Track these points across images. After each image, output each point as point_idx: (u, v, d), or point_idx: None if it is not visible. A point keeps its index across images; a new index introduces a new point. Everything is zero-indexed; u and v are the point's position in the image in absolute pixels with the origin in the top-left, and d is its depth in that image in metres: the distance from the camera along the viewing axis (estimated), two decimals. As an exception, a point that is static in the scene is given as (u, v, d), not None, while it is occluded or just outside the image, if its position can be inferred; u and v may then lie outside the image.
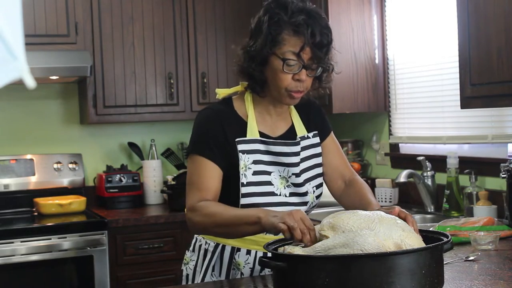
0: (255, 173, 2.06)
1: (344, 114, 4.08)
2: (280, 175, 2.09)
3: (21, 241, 3.42)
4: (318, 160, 2.21)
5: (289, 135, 2.16)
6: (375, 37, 3.89)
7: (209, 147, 2.05)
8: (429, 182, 3.45)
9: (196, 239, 2.21)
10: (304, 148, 2.17)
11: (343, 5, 3.81)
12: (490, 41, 2.55)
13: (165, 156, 4.30)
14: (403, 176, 3.35)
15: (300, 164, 2.13)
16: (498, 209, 2.96)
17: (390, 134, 3.95)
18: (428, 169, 3.45)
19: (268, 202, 2.06)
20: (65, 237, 3.50)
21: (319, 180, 2.20)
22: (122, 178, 4.06)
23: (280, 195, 2.08)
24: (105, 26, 3.96)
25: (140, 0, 4.03)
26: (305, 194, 2.12)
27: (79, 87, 4.19)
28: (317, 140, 2.22)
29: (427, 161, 3.46)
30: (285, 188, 2.10)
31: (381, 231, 1.61)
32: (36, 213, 3.93)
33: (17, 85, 1.24)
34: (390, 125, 3.95)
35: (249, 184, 2.05)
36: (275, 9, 2.04)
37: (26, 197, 4.00)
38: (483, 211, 2.96)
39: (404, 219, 1.78)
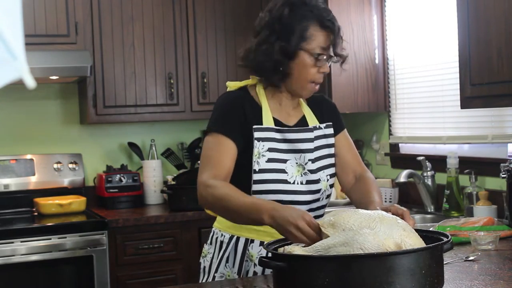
0: (270, 160, 2.11)
1: (344, 114, 4.06)
2: (296, 163, 2.13)
3: (21, 241, 3.42)
4: (331, 150, 2.25)
5: (302, 125, 2.22)
6: (375, 37, 3.89)
7: (230, 126, 2.11)
8: (429, 182, 3.45)
9: (214, 232, 2.24)
10: (317, 138, 2.22)
11: (343, 5, 3.81)
12: (490, 41, 2.55)
13: (165, 156, 4.30)
14: (403, 176, 3.35)
15: (314, 152, 2.18)
16: (498, 209, 2.97)
17: (390, 134, 3.95)
18: (428, 169, 3.45)
19: (280, 189, 2.10)
20: (65, 237, 3.49)
21: (332, 170, 2.24)
22: (122, 178, 4.06)
23: (293, 183, 2.11)
24: (105, 26, 3.96)
25: (140, 0, 4.03)
26: (317, 181, 2.16)
27: (79, 87, 4.19)
28: (330, 131, 2.27)
29: (427, 161, 3.46)
30: (301, 175, 2.13)
31: (382, 230, 1.61)
32: (36, 213, 3.93)
33: (17, 85, 1.24)
34: (390, 125, 3.95)
35: (262, 171, 2.09)
36: (299, 3, 2.10)
37: (26, 197, 4.00)
38: (483, 211, 2.96)
39: (402, 216, 1.80)
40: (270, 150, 2.11)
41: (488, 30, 2.56)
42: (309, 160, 2.16)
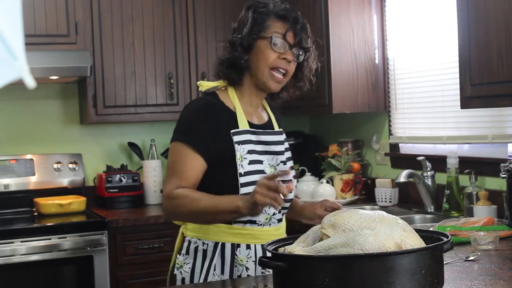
0: (251, 162, 2.14)
1: (344, 114, 4.08)
2: (269, 164, 2.19)
3: (21, 241, 3.42)
4: (290, 154, 2.35)
5: (269, 127, 2.28)
6: (375, 37, 3.89)
7: (198, 138, 2.10)
8: (429, 182, 3.45)
9: (189, 242, 2.19)
10: (284, 141, 2.32)
11: (343, 5, 3.81)
12: (490, 41, 2.55)
13: (165, 156, 4.29)
14: (403, 176, 3.35)
15: (285, 153, 2.27)
16: (498, 209, 2.96)
17: (390, 134, 3.95)
18: (428, 169, 3.45)
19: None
20: (65, 237, 3.49)
21: (293, 172, 2.32)
22: (122, 178, 4.06)
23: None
24: (105, 26, 3.96)
25: (140, 0, 4.03)
26: (290, 181, 2.22)
27: (79, 87, 4.19)
28: (284, 136, 2.35)
29: (427, 161, 3.46)
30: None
31: (382, 230, 1.61)
32: (36, 213, 3.93)
33: (17, 85, 1.24)
34: (390, 125, 3.95)
35: (247, 173, 2.11)
36: (258, 4, 2.21)
37: (26, 197, 4.00)
38: (483, 211, 2.96)
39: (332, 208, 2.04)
40: (250, 152, 2.14)
41: (488, 30, 2.56)
42: (281, 161, 2.23)
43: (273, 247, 1.74)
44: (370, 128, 4.12)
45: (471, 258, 2.22)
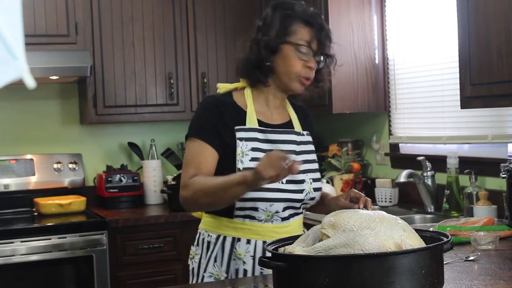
0: (253, 159, 2.14)
1: (344, 114, 4.08)
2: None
3: (21, 241, 3.42)
4: (313, 156, 2.33)
5: (287, 127, 2.28)
6: (375, 37, 3.89)
7: (207, 132, 2.16)
8: (429, 182, 3.45)
9: (200, 233, 2.27)
10: (302, 143, 2.29)
11: (343, 5, 3.81)
12: (490, 41, 2.55)
13: (165, 156, 4.30)
14: (403, 176, 3.35)
15: (300, 155, 2.25)
16: (498, 209, 2.96)
17: (390, 134, 3.95)
18: (428, 169, 3.45)
19: (264, 187, 2.09)
20: (65, 237, 3.49)
21: (317, 174, 2.30)
22: (122, 178, 4.06)
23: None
24: (105, 26, 3.96)
25: (140, 0, 4.03)
26: (301, 181, 2.21)
27: (79, 87, 4.19)
28: (310, 138, 2.35)
29: (427, 161, 3.46)
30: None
31: (382, 230, 1.61)
32: (36, 213, 3.93)
33: (17, 85, 1.24)
34: (390, 125, 3.95)
35: (246, 169, 2.11)
36: (284, 5, 2.22)
37: (26, 197, 4.00)
38: (483, 211, 2.96)
39: (358, 199, 2.06)
40: (253, 149, 2.17)
41: (488, 30, 2.56)
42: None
43: (273, 247, 1.74)
44: (370, 128, 4.12)
45: (471, 258, 2.22)
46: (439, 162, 3.41)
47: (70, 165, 4.13)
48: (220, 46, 4.19)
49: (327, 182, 3.96)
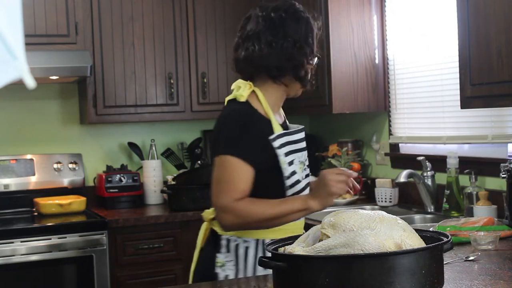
0: (290, 163, 2.21)
1: (344, 114, 4.08)
2: (299, 161, 2.25)
3: (21, 241, 3.42)
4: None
5: (286, 125, 2.35)
6: (375, 37, 3.89)
7: (245, 150, 2.13)
8: (429, 182, 3.45)
9: (228, 240, 2.22)
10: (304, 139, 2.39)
11: (343, 5, 3.81)
12: (490, 41, 2.55)
13: (165, 156, 4.30)
14: (403, 176, 3.35)
15: (306, 150, 2.35)
16: (498, 209, 2.96)
17: (390, 134, 3.95)
18: (428, 169, 3.45)
19: (299, 190, 2.22)
20: (65, 237, 3.49)
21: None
22: (122, 178, 4.06)
23: (301, 180, 2.24)
24: (105, 26, 3.96)
25: (140, 0, 4.03)
26: (309, 175, 2.33)
27: (79, 87, 4.19)
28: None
29: (427, 161, 3.45)
30: (302, 171, 2.26)
31: (382, 230, 1.61)
32: (36, 213, 3.93)
33: (17, 85, 1.24)
34: (390, 125, 3.95)
35: (292, 174, 2.20)
36: (314, 18, 2.30)
37: (26, 197, 4.00)
38: (483, 211, 2.96)
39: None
40: (286, 154, 2.21)
41: (488, 30, 2.56)
42: (307, 157, 2.32)
43: (273, 247, 1.74)
44: (370, 128, 4.12)
45: (471, 258, 2.22)
46: (439, 162, 3.41)
47: (70, 165, 4.13)
48: (220, 46, 4.19)
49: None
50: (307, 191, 2.26)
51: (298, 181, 2.21)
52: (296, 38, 2.21)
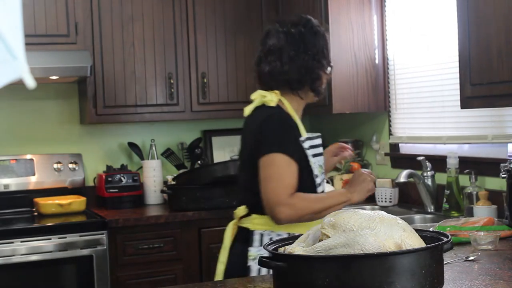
0: (319, 165, 2.43)
1: (344, 114, 4.08)
2: (319, 165, 2.44)
3: (21, 241, 3.42)
4: None
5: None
6: (375, 37, 3.89)
7: (291, 147, 2.33)
8: (429, 182, 3.45)
9: (262, 234, 2.36)
10: None
11: (343, 5, 3.81)
12: (490, 41, 2.55)
13: (165, 156, 4.30)
14: (403, 176, 3.35)
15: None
16: (498, 209, 2.96)
17: (390, 134, 3.95)
18: (428, 169, 3.45)
19: (321, 191, 2.44)
20: (65, 237, 3.49)
21: None
22: (122, 178, 4.06)
23: (321, 183, 2.46)
24: (105, 26, 3.96)
25: (140, 0, 4.03)
26: (324, 178, 2.55)
27: (79, 87, 4.19)
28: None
29: (427, 161, 3.46)
30: (321, 174, 2.46)
31: (382, 230, 1.61)
32: (36, 213, 3.93)
33: (17, 85, 1.24)
34: (390, 125, 3.95)
35: (317, 175, 2.42)
36: (326, 33, 2.53)
37: (26, 197, 4.00)
38: (483, 211, 2.96)
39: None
40: (314, 156, 2.42)
41: (488, 30, 2.56)
42: (324, 161, 2.51)
43: (273, 247, 1.74)
44: (370, 128, 4.12)
45: (471, 258, 2.22)
46: (439, 162, 3.41)
47: (70, 165, 4.13)
48: (220, 46, 4.19)
49: (327, 182, 3.96)
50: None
51: (319, 184, 2.42)
52: (314, 51, 2.41)
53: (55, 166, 4.10)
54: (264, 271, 2.26)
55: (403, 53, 3.80)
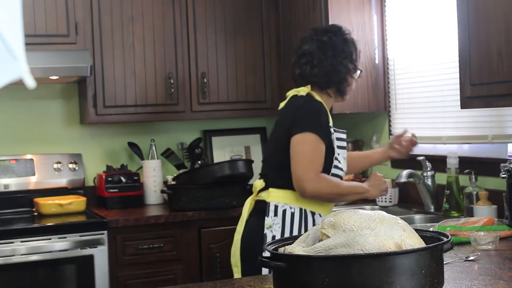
0: (338, 154, 2.66)
1: (344, 114, 4.08)
2: (343, 157, 2.71)
3: (21, 241, 3.42)
4: None
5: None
6: (375, 37, 3.89)
7: (323, 129, 2.59)
8: (429, 182, 3.45)
9: (276, 206, 2.63)
10: None
11: (343, 5, 3.81)
12: (490, 41, 2.55)
13: (165, 156, 4.29)
14: (403, 176, 3.35)
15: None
16: (498, 209, 2.96)
17: (390, 134, 3.95)
18: (428, 169, 3.45)
19: (340, 175, 2.71)
20: (65, 237, 3.49)
21: None
22: (122, 178, 4.06)
23: (343, 174, 2.73)
24: (105, 26, 3.96)
25: (140, 0, 4.03)
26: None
27: (79, 87, 4.19)
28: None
29: (427, 161, 3.46)
30: (344, 167, 2.71)
31: (382, 230, 1.61)
32: (36, 213, 3.93)
33: (17, 85, 1.24)
34: (390, 125, 3.95)
35: (342, 168, 2.69)
36: (347, 31, 2.84)
37: (26, 197, 4.00)
38: (483, 211, 2.96)
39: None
40: (339, 147, 2.67)
41: (488, 30, 2.56)
42: (347, 155, 2.78)
43: (273, 247, 1.74)
44: (370, 128, 4.12)
45: (471, 258, 2.22)
46: (439, 162, 3.41)
47: (70, 165, 4.13)
48: (220, 46, 4.19)
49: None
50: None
51: (337, 167, 2.66)
52: (343, 56, 2.71)
53: (55, 166, 4.10)
54: (278, 238, 2.52)
55: (403, 53, 3.80)
